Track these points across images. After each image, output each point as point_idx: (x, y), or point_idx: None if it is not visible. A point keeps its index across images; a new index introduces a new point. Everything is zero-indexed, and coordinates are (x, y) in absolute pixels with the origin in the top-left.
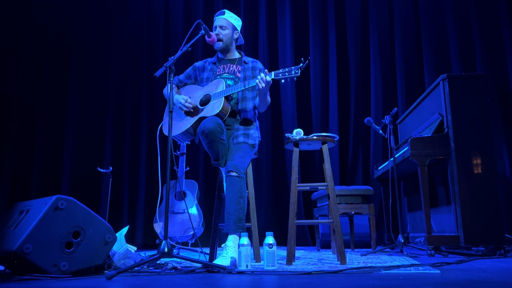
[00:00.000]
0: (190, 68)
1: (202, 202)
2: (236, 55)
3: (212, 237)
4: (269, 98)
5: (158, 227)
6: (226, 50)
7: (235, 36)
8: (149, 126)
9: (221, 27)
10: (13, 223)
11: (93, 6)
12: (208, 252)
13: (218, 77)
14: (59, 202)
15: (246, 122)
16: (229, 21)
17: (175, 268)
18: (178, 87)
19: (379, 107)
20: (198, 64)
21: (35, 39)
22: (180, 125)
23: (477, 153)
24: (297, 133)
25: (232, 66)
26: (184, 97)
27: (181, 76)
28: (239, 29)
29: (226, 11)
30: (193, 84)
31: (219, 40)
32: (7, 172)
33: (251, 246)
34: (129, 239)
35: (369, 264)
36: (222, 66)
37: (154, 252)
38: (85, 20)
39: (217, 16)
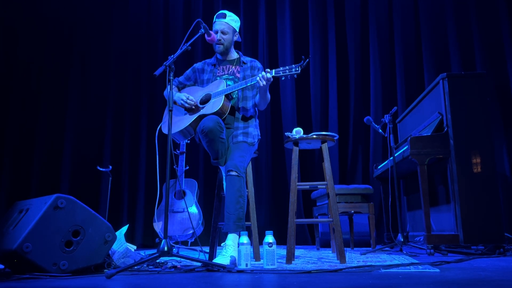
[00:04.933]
0: (190, 69)
1: (201, 201)
2: (234, 55)
3: (212, 236)
4: (269, 96)
5: (157, 226)
6: (225, 52)
7: (235, 38)
8: (149, 125)
9: (222, 31)
10: (12, 222)
11: (93, 5)
12: (208, 251)
13: (218, 78)
14: (59, 201)
15: (246, 121)
16: (230, 25)
17: (174, 267)
18: (179, 89)
19: (379, 106)
20: (197, 65)
21: (35, 37)
22: (179, 124)
23: (477, 152)
24: (297, 132)
25: (231, 67)
26: (185, 95)
27: (181, 78)
28: (238, 30)
29: (227, 13)
30: (193, 85)
31: (220, 44)
32: (7, 171)
33: (251, 245)
34: (129, 238)
35: (368, 263)
36: (221, 67)
37: (154, 251)
38: (84, 19)
39: (218, 18)
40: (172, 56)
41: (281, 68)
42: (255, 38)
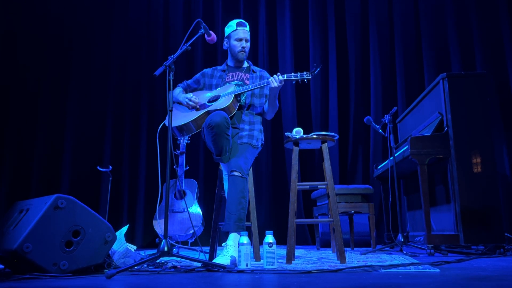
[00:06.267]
0: (199, 74)
1: (201, 201)
2: (245, 64)
3: (212, 236)
4: (277, 103)
5: (157, 226)
6: (243, 59)
7: None
8: (149, 125)
9: (246, 40)
10: (13, 222)
11: (93, 5)
12: (208, 251)
13: (228, 83)
14: (59, 201)
15: (252, 123)
16: (249, 32)
17: (175, 267)
18: (186, 91)
19: (379, 106)
20: (207, 70)
21: (35, 37)
22: (185, 118)
23: (477, 152)
24: (297, 132)
25: (241, 74)
26: (190, 94)
27: (190, 81)
28: None
29: (245, 22)
30: (201, 89)
31: (243, 51)
32: (7, 171)
33: (251, 245)
34: (129, 238)
35: (368, 263)
36: (231, 73)
37: (154, 251)
38: (84, 19)
39: (241, 27)
40: (172, 56)
41: (292, 74)
42: (255, 38)
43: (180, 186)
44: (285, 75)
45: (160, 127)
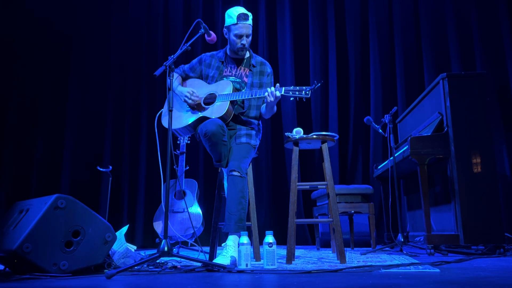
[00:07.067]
0: (196, 60)
1: (201, 201)
2: (246, 54)
3: (212, 236)
4: (275, 108)
5: (158, 226)
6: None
7: None
8: (148, 125)
9: (247, 35)
10: (12, 222)
11: (93, 4)
12: (208, 251)
13: (225, 78)
14: (59, 201)
15: (249, 124)
16: (251, 25)
17: (175, 267)
18: (182, 78)
19: (379, 106)
20: (205, 58)
21: (35, 38)
22: (181, 120)
23: (477, 152)
24: (297, 132)
25: (240, 69)
26: (189, 90)
27: (186, 67)
28: None
29: (248, 13)
30: (197, 78)
31: (244, 48)
32: (7, 171)
33: (251, 245)
34: (129, 238)
35: (368, 263)
36: (229, 66)
37: (154, 251)
38: (84, 19)
39: (242, 21)
40: (172, 56)
41: (291, 88)
42: (255, 38)
43: (180, 186)
44: (283, 90)
45: (158, 115)
